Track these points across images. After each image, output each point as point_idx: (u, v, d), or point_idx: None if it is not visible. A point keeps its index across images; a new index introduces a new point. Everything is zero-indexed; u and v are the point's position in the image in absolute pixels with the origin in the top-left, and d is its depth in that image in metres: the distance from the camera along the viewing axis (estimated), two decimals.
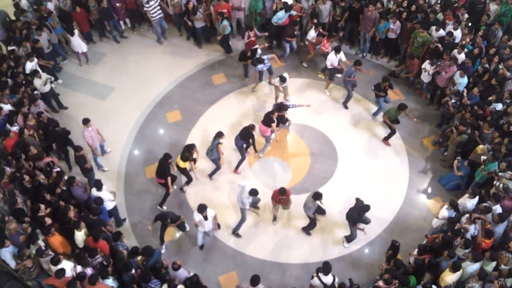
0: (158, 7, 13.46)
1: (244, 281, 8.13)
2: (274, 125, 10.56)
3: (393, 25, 12.49)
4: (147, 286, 7.91)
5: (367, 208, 9.06)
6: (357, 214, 9.12)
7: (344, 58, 12.12)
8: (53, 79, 12.01)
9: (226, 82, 13.18)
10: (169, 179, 9.86)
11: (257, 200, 9.85)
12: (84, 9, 13.36)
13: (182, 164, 10.04)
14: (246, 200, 9.27)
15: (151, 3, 13.16)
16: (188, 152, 9.93)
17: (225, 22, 12.98)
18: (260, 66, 11.94)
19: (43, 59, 12.18)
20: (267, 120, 10.56)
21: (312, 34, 12.72)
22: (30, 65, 11.55)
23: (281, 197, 9.35)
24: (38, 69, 11.68)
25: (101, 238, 8.53)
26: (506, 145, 9.48)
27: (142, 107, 12.59)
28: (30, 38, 12.11)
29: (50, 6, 13.19)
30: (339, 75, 12.51)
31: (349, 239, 9.71)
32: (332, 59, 12.00)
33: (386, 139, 11.45)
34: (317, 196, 9.10)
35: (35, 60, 11.73)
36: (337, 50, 11.92)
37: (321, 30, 12.72)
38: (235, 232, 9.98)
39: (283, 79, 11.50)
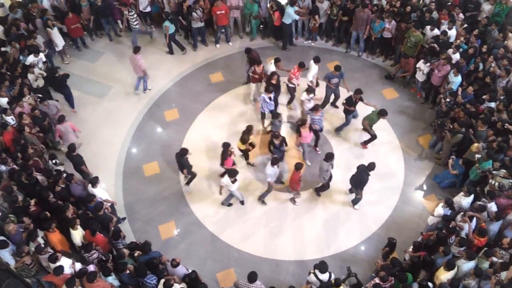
0: (137, 20, 13.57)
1: (241, 278, 8.21)
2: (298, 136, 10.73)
3: (389, 24, 12.58)
4: (143, 281, 7.99)
5: (372, 166, 9.57)
6: (365, 173, 9.57)
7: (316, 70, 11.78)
8: (45, 74, 12.02)
9: (223, 81, 13.25)
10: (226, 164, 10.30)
11: (281, 176, 10.52)
12: (75, 14, 13.34)
13: (242, 147, 10.54)
14: (272, 171, 9.74)
15: (132, 12, 13.36)
16: (246, 134, 10.37)
17: (167, 23, 13.18)
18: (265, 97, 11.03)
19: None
20: (297, 130, 10.66)
21: (271, 68, 11.73)
22: (32, 59, 11.61)
23: (300, 172, 9.71)
24: (41, 64, 11.79)
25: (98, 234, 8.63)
26: (497, 142, 9.59)
27: (140, 105, 12.66)
28: (21, 38, 12.12)
29: (46, 3, 13.20)
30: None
31: (357, 201, 10.31)
32: (314, 71, 11.65)
33: (365, 143, 11.44)
34: (328, 157, 9.64)
35: (40, 55, 11.80)
36: (316, 60, 11.55)
37: (280, 64, 11.85)
38: (262, 200, 10.52)
39: (311, 90, 11.06)
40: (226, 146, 10.13)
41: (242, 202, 10.51)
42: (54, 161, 10.20)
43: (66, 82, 12.13)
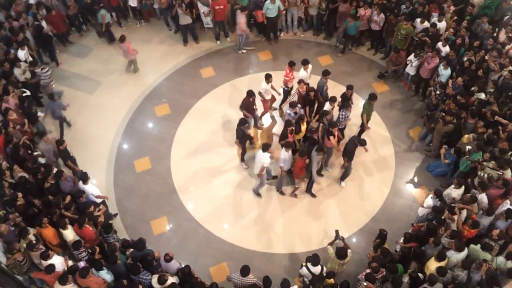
0: (51, 77, 12.16)
1: (234, 272, 8.22)
2: (332, 138, 10.06)
3: (377, 17, 12.61)
4: (138, 278, 8.00)
5: (363, 142, 9.85)
6: (353, 144, 9.87)
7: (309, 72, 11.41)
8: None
9: (214, 76, 13.22)
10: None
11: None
12: (58, 10, 13.28)
13: (298, 137, 10.46)
14: (285, 155, 9.73)
15: (45, 69, 11.91)
16: (298, 124, 10.26)
17: (103, 11, 13.27)
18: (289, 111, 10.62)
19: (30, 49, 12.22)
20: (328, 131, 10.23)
21: (264, 86, 11.07)
22: (22, 53, 11.55)
23: (304, 159, 9.67)
24: (30, 58, 11.75)
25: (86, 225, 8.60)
26: (488, 135, 9.65)
27: (131, 100, 12.61)
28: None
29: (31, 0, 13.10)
30: None
31: (345, 176, 10.58)
32: (303, 75, 11.09)
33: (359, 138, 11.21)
34: (317, 148, 9.71)
35: (26, 49, 11.71)
36: (304, 62, 11.12)
37: (272, 84, 11.11)
38: (280, 190, 10.63)
39: (334, 99, 10.64)
40: (288, 125, 10.03)
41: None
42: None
43: (52, 42, 13.01)
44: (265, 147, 9.64)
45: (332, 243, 8.58)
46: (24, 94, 11.14)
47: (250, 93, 10.73)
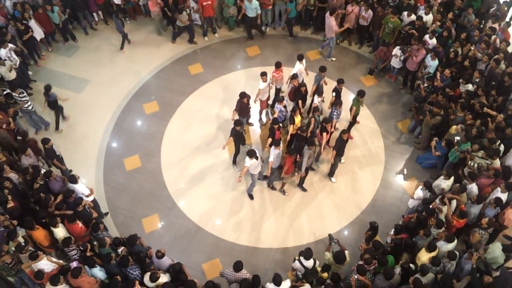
0: (30, 102, 11.28)
1: (227, 268, 8.23)
2: (324, 134, 10.12)
3: (365, 13, 12.64)
4: (126, 271, 7.98)
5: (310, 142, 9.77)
6: (342, 138, 9.86)
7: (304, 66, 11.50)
8: (17, 65, 11.77)
9: (202, 72, 13.17)
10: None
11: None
12: (45, 8, 13.06)
13: (293, 131, 10.45)
14: (274, 152, 9.70)
15: (23, 94, 10.95)
16: (291, 117, 10.39)
17: (58, 8, 13.01)
18: (279, 107, 10.65)
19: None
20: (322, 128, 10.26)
21: (261, 86, 10.90)
22: (3, 52, 11.37)
23: (293, 157, 9.67)
24: (14, 56, 11.62)
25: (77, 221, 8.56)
26: (477, 127, 9.73)
27: (119, 99, 12.51)
28: None
29: (8, 3, 12.88)
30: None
31: (332, 171, 10.61)
32: (299, 68, 11.30)
33: (348, 132, 10.91)
34: (311, 141, 9.66)
35: (9, 46, 11.52)
36: (300, 58, 11.30)
37: (265, 78, 10.89)
38: (272, 185, 10.66)
39: (320, 93, 10.81)
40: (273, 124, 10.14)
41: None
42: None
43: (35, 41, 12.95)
44: (250, 153, 9.34)
45: (328, 249, 8.58)
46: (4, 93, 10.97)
47: (243, 95, 10.57)
